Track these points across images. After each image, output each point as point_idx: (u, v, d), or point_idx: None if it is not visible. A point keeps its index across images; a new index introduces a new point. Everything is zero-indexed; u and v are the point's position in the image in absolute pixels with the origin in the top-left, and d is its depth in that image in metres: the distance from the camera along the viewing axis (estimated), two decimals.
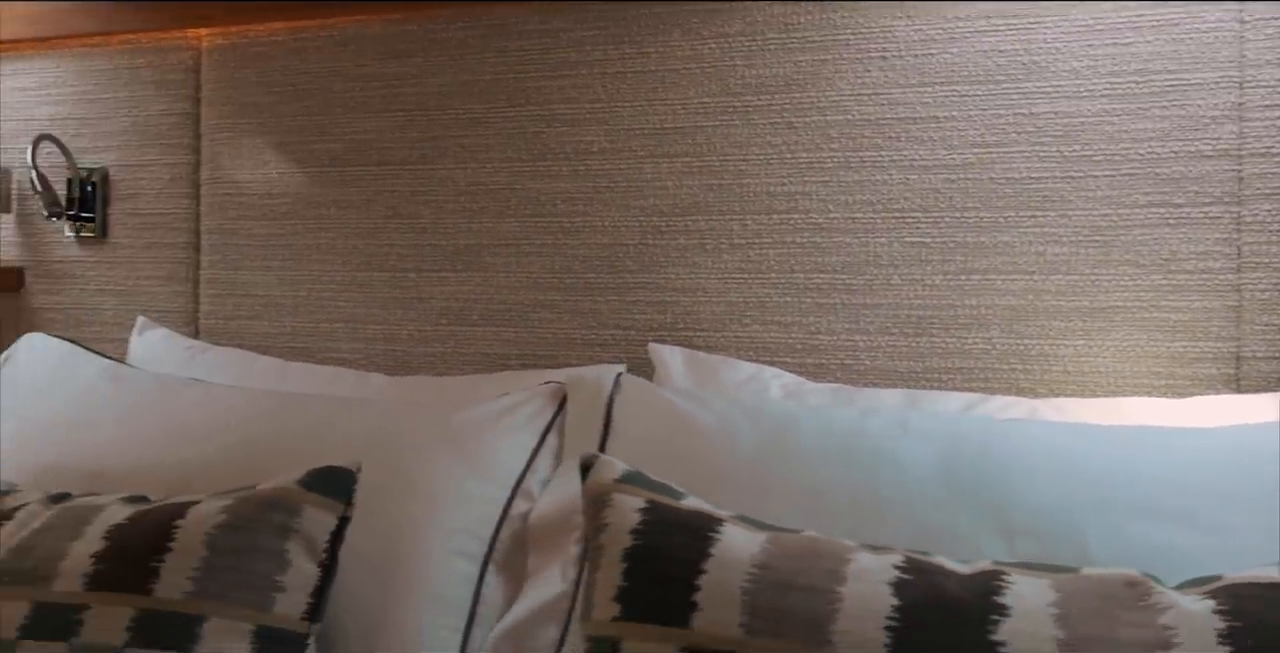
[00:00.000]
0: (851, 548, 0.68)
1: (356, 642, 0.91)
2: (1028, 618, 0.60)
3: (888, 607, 0.62)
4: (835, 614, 0.62)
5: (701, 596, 0.65)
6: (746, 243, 1.24)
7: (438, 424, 1.05)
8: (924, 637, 0.60)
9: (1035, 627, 0.60)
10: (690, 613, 0.65)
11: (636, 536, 0.70)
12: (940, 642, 0.60)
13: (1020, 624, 0.60)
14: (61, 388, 1.17)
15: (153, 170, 1.50)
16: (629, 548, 0.70)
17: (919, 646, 0.60)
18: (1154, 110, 1.09)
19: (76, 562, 0.82)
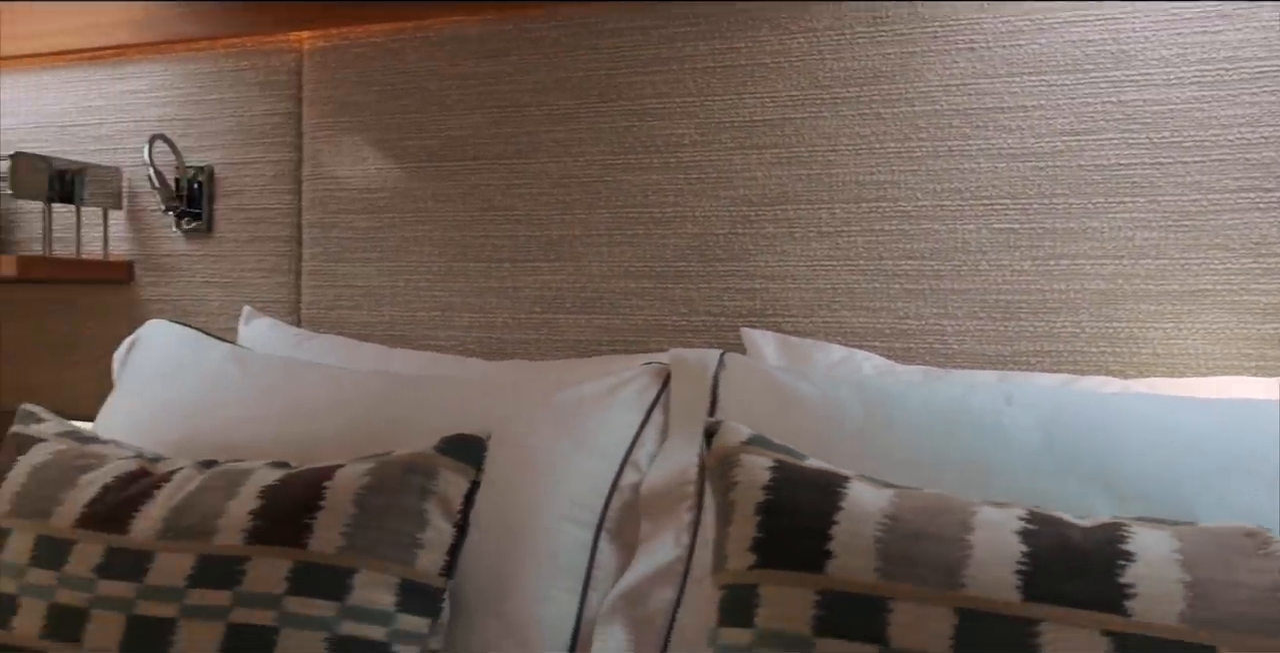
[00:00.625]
0: (975, 503, 0.73)
1: (481, 601, 0.98)
2: (1153, 563, 0.65)
3: (1017, 553, 0.67)
4: (966, 560, 0.67)
5: (835, 544, 0.71)
6: (835, 231, 1.30)
7: (546, 402, 1.11)
8: (1053, 580, 0.65)
9: (1160, 571, 0.64)
10: (825, 560, 0.71)
11: (768, 491, 0.76)
12: (1069, 585, 0.65)
13: (1146, 569, 0.65)
14: (189, 370, 1.25)
15: (256, 167, 1.60)
16: (761, 503, 0.76)
17: (1049, 588, 0.65)
18: (1243, 97, 1.13)
19: (235, 519, 0.90)
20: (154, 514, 0.93)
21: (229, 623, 0.84)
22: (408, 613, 0.87)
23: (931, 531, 0.70)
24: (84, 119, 1.71)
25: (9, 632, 0.90)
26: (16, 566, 0.93)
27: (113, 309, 1.70)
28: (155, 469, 1.00)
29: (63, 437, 1.06)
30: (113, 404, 1.28)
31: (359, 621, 0.85)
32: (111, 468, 0.99)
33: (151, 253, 1.67)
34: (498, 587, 0.99)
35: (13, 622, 0.91)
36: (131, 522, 0.92)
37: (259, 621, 0.84)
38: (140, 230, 1.68)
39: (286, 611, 0.84)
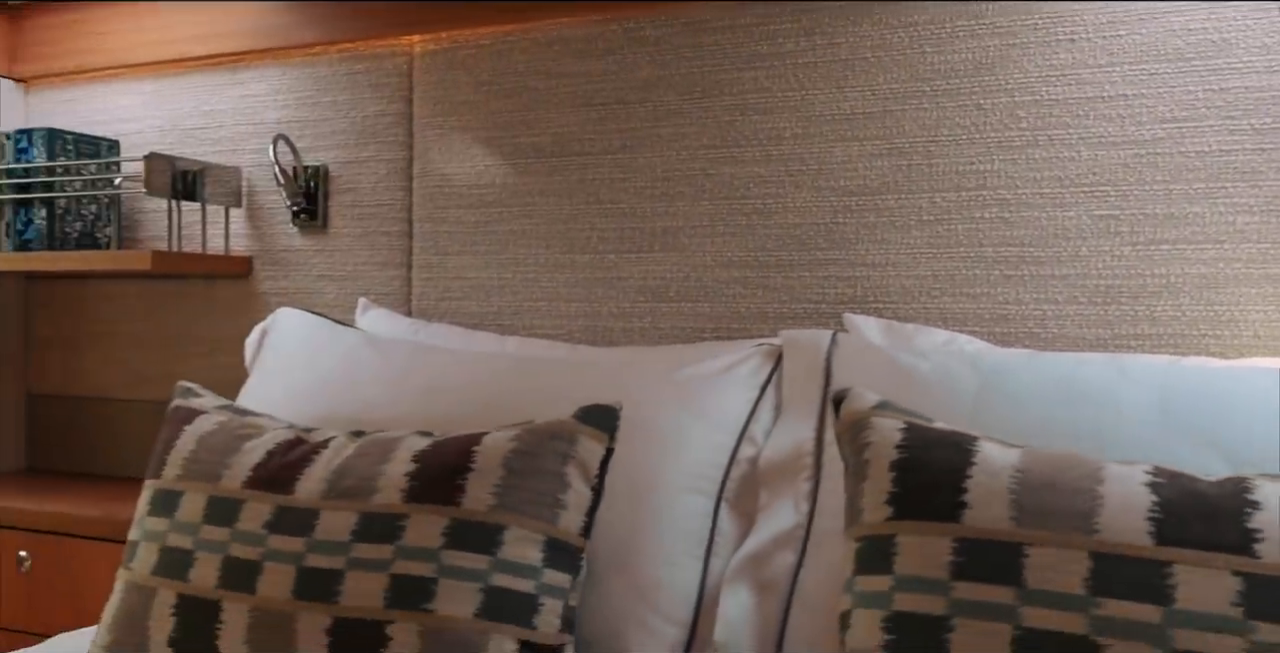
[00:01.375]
0: (1101, 460, 0.79)
1: (611, 564, 1.06)
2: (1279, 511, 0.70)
3: (1147, 502, 0.73)
4: (1099, 508, 0.73)
5: (969, 496, 0.78)
6: (935, 219, 1.36)
7: (665, 380, 1.19)
8: (1183, 526, 0.71)
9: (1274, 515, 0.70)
10: (960, 511, 0.77)
11: (901, 450, 0.83)
12: (1199, 530, 0.70)
13: (1273, 516, 0.70)
14: (324, 353, 1.36)
15: (369, 166, 1.71)
16: (895, 460, 0.82)
17: (1180, 533, 0.71)
18: None
19: (392, 480, 0.99)
20: (316, 476, 1.02)
21: (391, 574, 0.94)
22: (552, 569, 0.96)
23: (1063, 483, 0.76)
24: (205, 122, 1.84)
25: (186, 583, 1.01)
26: (191, 523, 1.04)
27: (233, 302, 1.82)
28: (310, 438, 1.10)
29: (221, 409, 1.17)
30: (251, 386, 1.39)
31: (510, 574, 0.94)
32: (271, 437, 1.10)
33: (269, 248, 1.79)
34: (626, 551, 1.07)
35: (190, 574, 1.01)
36: (296, 483, 1.02)
37: (419, 572, 0.93)
38: (258, 227, 1.81)
39: (444, 563, 0.93)
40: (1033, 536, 0.74)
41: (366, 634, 0.92)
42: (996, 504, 0.76)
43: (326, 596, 0.94)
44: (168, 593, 1.01)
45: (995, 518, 0.76)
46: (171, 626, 1.00)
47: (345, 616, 0.93)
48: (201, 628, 0.98)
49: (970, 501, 0.77)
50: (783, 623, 1.00)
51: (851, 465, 0.88)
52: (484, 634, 0.91)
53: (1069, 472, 0.77)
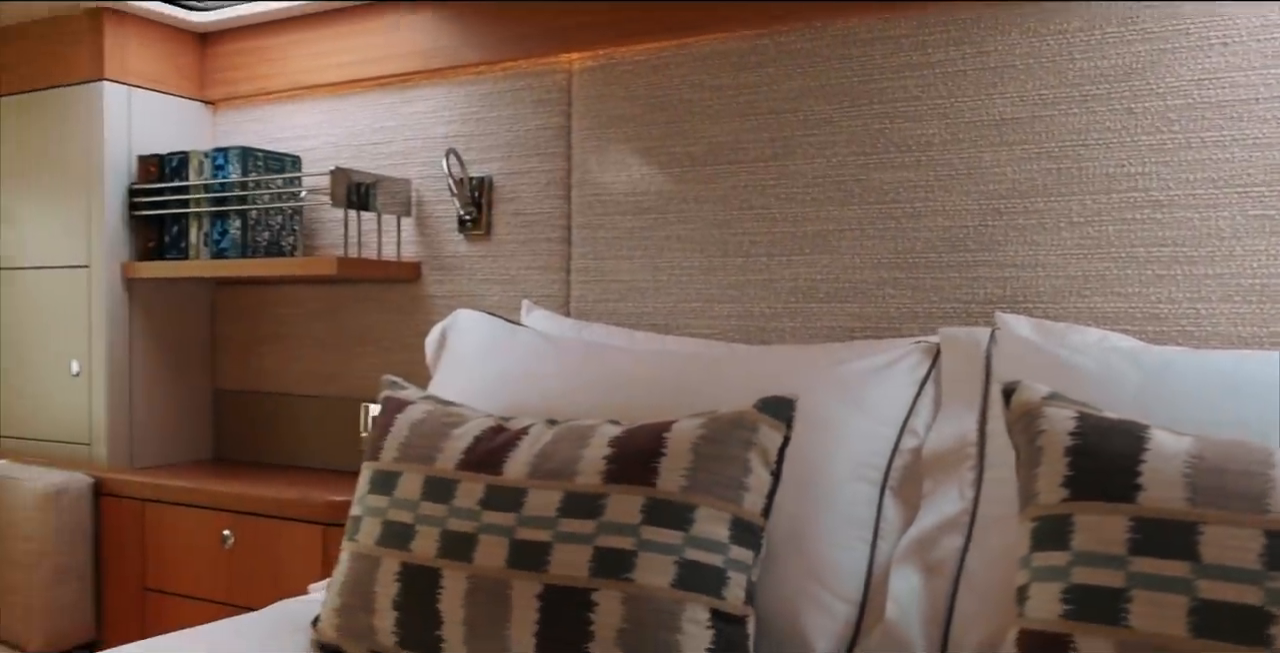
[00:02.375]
0: (1271, 447, 0.86)
1: (785, 545, 1.17)
2: None
3: None
4: (1271, 491, 0.81)
5: (1144, 479, 0.86)
6: (1085, 221, 1.42)
7: (826, 375, 1.30)
8: None
9: None
10: (1135, 492, 0.85)
11: (1075, 437, 0.91)
12: None
13: None
14: (504, 350, 1.52)
15: (530, 176, 1.87)
16: (1070, 446, 0.91)
17: None
18: None
19: (591, 463, 1.12)
20: (520, 459, 1.17)
21: (595, 546, 1.07)
22: (738, 545, 1.07)
23: (1235, 467, 0.83)
24: (378, 137, 2.04)
25: (409, 553, 1.16)
26: (410, 500, 1.20)
27: (402, 304, 2.01)
28: (510, 426, 1.25)
29: (426, 399, 1.33)
30: (440, 379, 1.56)
31: (701, 549, 1.06)
32: (475, 424, 1.25)
33: (436, 254, 1.97)
34: (798, 533, 1.18)
35: (411, 545, 1.16)
36: (503, 465, 1.17)
37: (620, 545, 1.06)
38: (426, 234, 1.99)
39: (642, 537, 1.06)
40: (1207, 515, 0.81)
41: (574, 600, 1.05)
42: (1171, 486, 0.84)
43: (537, 565, 1.08)
44: (391, 562, 1.17)
45: (1170, 499, 0.84)
46: (396, 590, 1.15)
47: (554, 583, 1.07)
48: (424, 592, 1.13)
49: (1145, 483, 0.85)
50: (950, 602, 1.09)
51: (1024, 453, 0.97)
52: (679, 603, 1.04)
53: (1241, 457, 0.85)
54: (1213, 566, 0.80)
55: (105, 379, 2.06)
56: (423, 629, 1.12)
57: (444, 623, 1.11)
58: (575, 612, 1.05)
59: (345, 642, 1.18)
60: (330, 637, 1.20)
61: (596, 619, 1.04)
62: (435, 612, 1.12)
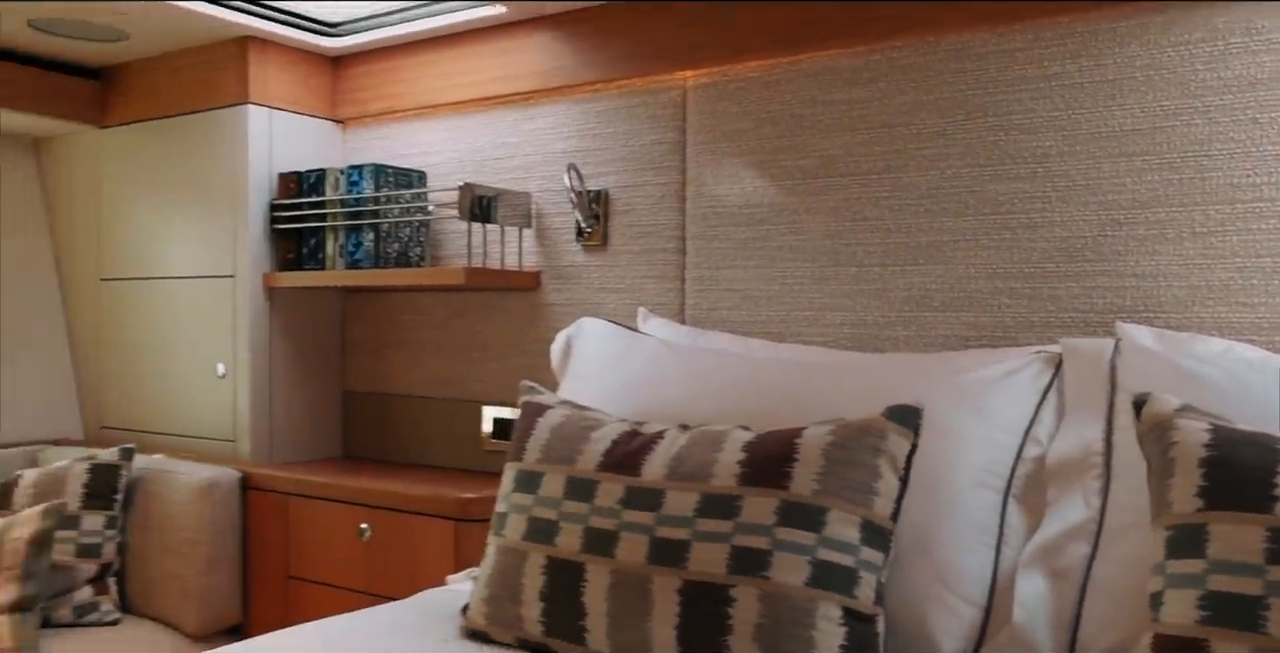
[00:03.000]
0: None
1: (912, 549, 1.22)
2: None
3: None
4: None
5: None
6: (1208, 231, 1.43)
7: (947, 383, 1.34)
8: None
9: None
10: (1272, 503, 0.88)
11: (1209, 449, 0.95)
12: None
13: None
14: (629, 356, 1.60)
15: (646, 189, 1.95)
16: (1204, 458, 0.94)
17: None
18: None
19: (726, 467, 1.19)
20: (657, 462, 1.25)
21: (732, 545, 1.14)
22: (868, 547, 1.13)
23: None
24: (499, 153, 2.15)
25: (554, 547, 1.25)
26: (554, 499, 1.28)
27: (522, 312, 2.12)
28: (644, 430, 1.33)
29: (563, 404, 1.42)
30: (569, 385, 1.65)
31: (834, 549, 1.12)
32: (611, 428, 1.33)
33: (555, 263, 2.07)
34: (924, 538, 1.23)
35: (556, 540, 1.25)
36: (642, 467, 1.25)
37: (756, 544, 1.13)
38: (545, 245, 2.09)
39: (777, 538, 1.13)
40: None
41: (713, 596, 1.12)
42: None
43: (677, 561, 1.16)
44: (538, 556, 1.26)
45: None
46: (542, 583, 1.24)
47: (694, 579, 1.14)
48: (569, 585, 1.22)
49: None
50: (1078, 608, 1.13)
51: (1156, 464, 1.00)
52: (813, 601, 1.10)
53: None
54: None
55: (249, 380, 2.22)
56: (568, 620, 1.21)
57: (588, 614, 1.19)
58: (714, 607, 1.12)
59: (494, 630, 1.28)
60: (479, 625, 1.29)
61: (735, 615, 1.11)
62: (580, 604, 1.20)
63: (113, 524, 2.05)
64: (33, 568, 1.84)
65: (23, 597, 1.83)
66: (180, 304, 2.35)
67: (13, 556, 1.84)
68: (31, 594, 1.83)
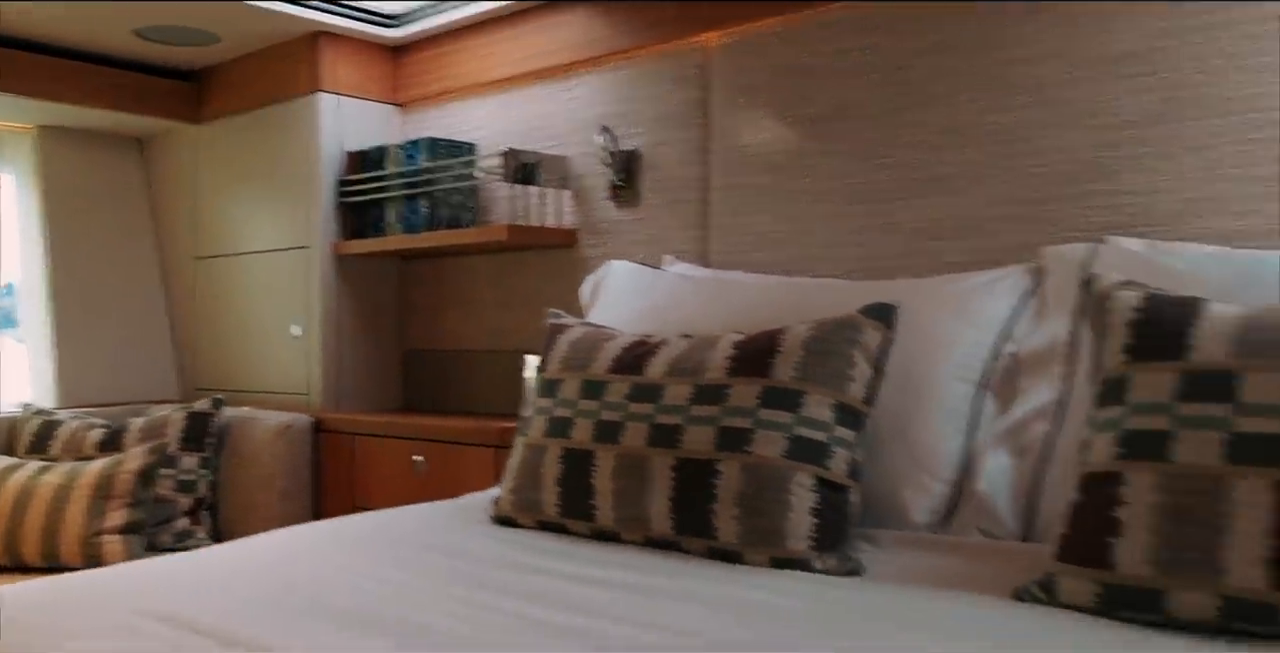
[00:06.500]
0: None
1: (892, 435, 1.34)
2: None
3: None
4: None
5: (1193, 340, 0.98)
6: (1203, 145, 1.51)
7: (936, 292, 1.46)
8: None
9: None
10: (1186, 352, 0.98)
11: (1138, 312, 1.05)
12: None
13: None
14: (650, 287, 1.76)
15: (673, 146, 2.11)
16: (1132, 319, 1.04)
17: None
18: None
19: (717, 362, 1.34)
20: (659, 363, 1.40)
21: (719, 426, 1.28)
22: (841, 426, 1.26)
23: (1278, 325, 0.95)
24: (540, 123, 2.35)
25: (569, 439, 1.41)
26: (570, 400, 1.45)
27: (562, 267, 2.30)
28: (651, 340, 1.48)
29: (583, 324, 1.59)
30: (594, 314, 1.82)
31: (809, 427, 1.25)
32: (623, 339, 1.49)
33: (591, 220, 2.25)
34: (903, 426, 1.35)
35: (571, 433, 1.42)
36: (645, 368, 1.40)
37: (740, 424, 1.27)
38: (582, 204, 2.27)
39: (759, 418, 1.26)
40: (1248, 365, 0.93)
41: (703, 470, 1.27)
42: (1218, 345, 0.96)
43: (672, 443, 1.31)
44: (555, 448, 1.43)
45: (1216, 353, 0.96)
46: (558, 470, 1.41)
47: (686, 456, 1.29)
48: (581, 470, 1.38)
49: (1194, 344, 0.98)
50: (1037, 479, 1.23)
51: (1097, 331, 1.10)
52: (790, 470, 1.23)
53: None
54: (1250, 404, 0.92)
55: (319, 340, 2.46)
56: (580, 501, 1.37)
57: (597, 494, 1.35)
58: (703, 479, 1.27)
59: (519, 514, 1.45)
60: (506, 511, 1.47)
61: (720, 484, 1.25)
62: (589, 486, 1.37)
63: (206, 464, 2.33)
64: (140, 497, 2.14)
65: (132, 521, 2.12)
66: (262, 276, 2.62)
67: (124, 485, 2.13)
68: (139, 519, 2.13)
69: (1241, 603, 0.90)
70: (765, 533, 1.22)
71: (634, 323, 1.69)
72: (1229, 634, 0.92)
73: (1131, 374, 1.02)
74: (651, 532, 1.31)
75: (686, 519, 1.27)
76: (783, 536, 1.21)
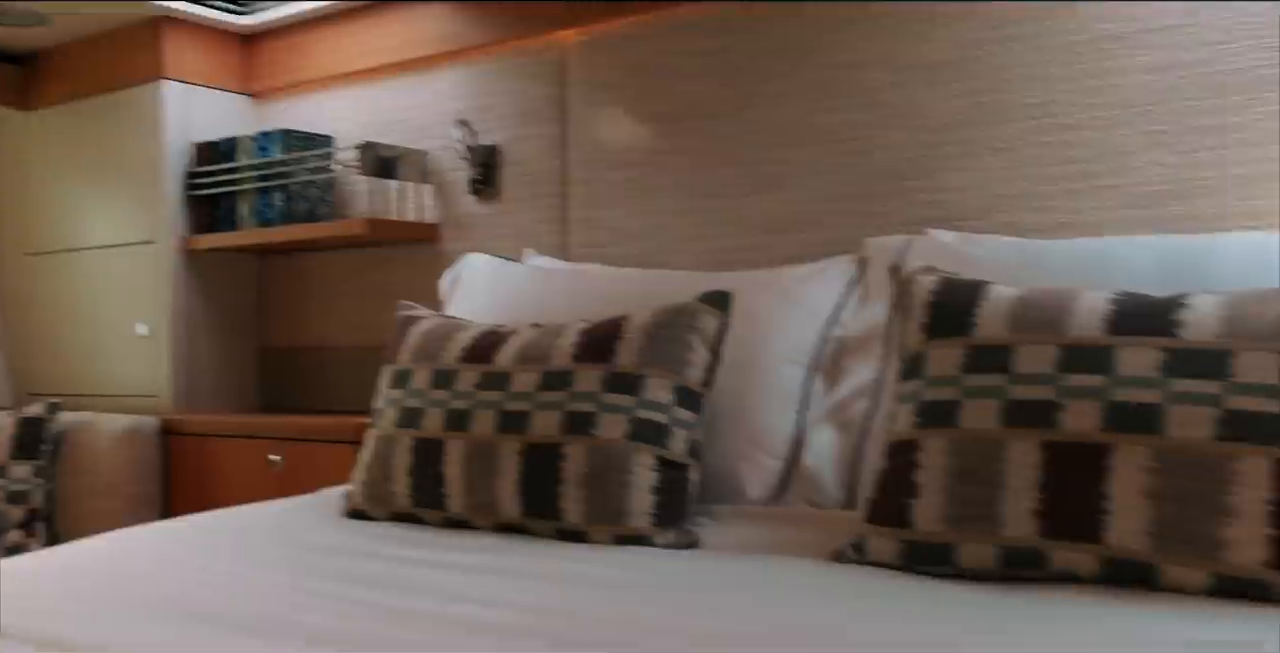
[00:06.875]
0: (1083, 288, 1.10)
1: (729, 415, 1.43)
2: (1201, 309, 1.00)
3: (1105, 309, 1.03)
4: (1069, 317, 1.05)
5: (977, 318, 1.10)
6: (1007, 147, 1.66)
7: (770, 281, 1.57)
8: (1130, 320, 1.01)
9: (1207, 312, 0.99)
10: (971, 328, 1.10)
11: (934, 294, 1.16)
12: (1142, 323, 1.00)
13: (1195, 314, 0.99)
14: (503, 281, 1.81)
15: (533, 142, 2.16)
16: (929, 301, 1.16)
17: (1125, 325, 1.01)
18: None
19: (563, 349, 1.40)
20: (509, 351, 1.45)
21: (565, 410, 1.34)
22: (680, 408, 1.34)
23: (1047, 303, 1.07)
24: (401, 116, 2.36)
25: (419, 430, 1.45)
26: (421, 390, 1.48)
27: (423, 262, 2.32)
28: (501, 330, 1.53)
29: (435, 316, 1.62)
30: (450, 309, 1.85)
31: (650, 409, 1.32)
32: (474, 330, 1.53)
33: (452, 215, 2.28)
34: (738, 407, 1.44)
35: (421, 423, 1.45)
36: (495, 357, 1.45)
37: (585, 408, 1.33)
38: (443, 198, 2.29)
39: (602, 402, 1.33)
40: (1020, 338, 1.06)
41: (549, 454, 1.33)
42: (998, 321, 1.09)
43: (519, 429, 1.36)
44: (406, 439, 1.46)
45: (996, 329, 1.08)
46: (409, 461, 1.44)
47: (533, 441, 1.34)
48: (431, 459, 1.41)
49: (978, 321, 1.10)
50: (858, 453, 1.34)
51: (902, 313, 1.22)
52: (632, 451, 1.30)
53: (1055, 295, 1.09)
54: (1021, 374, 1.04)
55: (168, 340, 2.40)
56: (431, 490, 1.41)
57: (447, 481, 1.39)
58: (549, 463, 1.32)
59: (371, 507, 1.47)
60: (359, 504, 1.49)
61: (566, 467, 1.31)
62: (440, 474, 1.40)
63: (40, 473, 2.23)
64: None
65: None
66: (103, 272, 2.53)
67: None
68: None
69: (1017, 551, 1.02)
70: (609, 512, 1.29)
71: (490, 315, 1.74)
72: (1008, 581, 1.04)
73: (927, 351, 1.13)
74: (501, 517, 1.36)
75: (534, 502, 1.32)
76: (625, 514, 1.28)
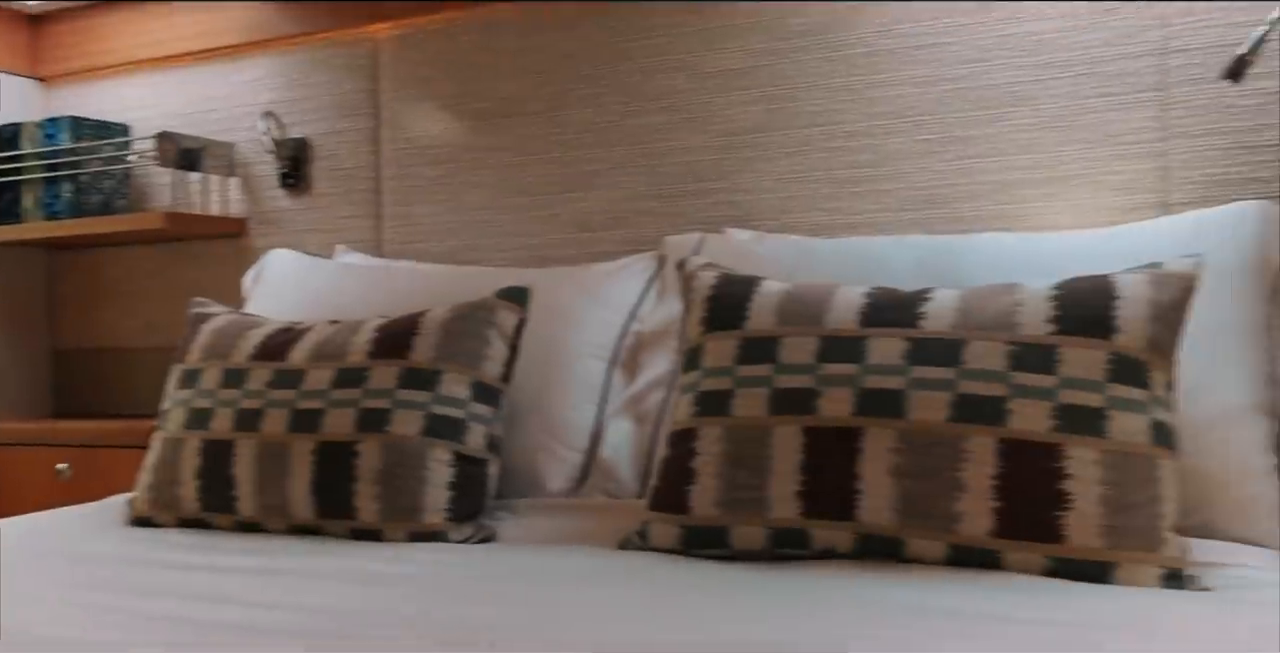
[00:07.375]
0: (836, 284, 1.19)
1: (529, 409, 1.46)
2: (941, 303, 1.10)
3: (860, 303, 1.12)
4: (828, 310, 1.13)
5: (749, 312, 1.17)
6: (796, 151, 1.75)
7: (573, 278, 1.61)
8: (879, 313, 1.10)
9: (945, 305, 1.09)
10: (744, 322, 1.17)
11: (713, 289, 1.23)
12: (888, 315, 1.10)
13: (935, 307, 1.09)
14: (309, 278, 1.78)
15: (344, 136, 2.12)
16: (708, 295, 1.22)
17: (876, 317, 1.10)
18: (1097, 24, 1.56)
19: (359, 345, 1.39)
20: (303, 348, 1.43)
21: (359, 408, 1.33)
22: (478, 403, 1.36)
23: (809, 298, 1.15)
24: (204, 106, 2.26)
25: (208, 431, 1.40)
26: (210, 390, 1.44)
27: (230, 258, 2.23)
28: (297, 327, 1.50)
29: (229, 313, 1.58)
30: (250, 307, 1.80)
31: (446, 405, 1.34)
32: (270, 326, 1.50)
33: (261, 209, 2.21)
34: (539, 401, 1.47)
35: (210, 425, 1.41)
36: (288, 354, 1.42)
37: (378, 405, 1.33)
38: (251, 192, 2.22)
39: (397, 398, 1.33)
40: (786, 331, 1.13)
41: (342, 452, 1.32)
42: (767, 315, 1.16)
43: (312, 428, 1.34)
44: (194, 440, 1.41)
45: (764, 322, 1.15)
46: (197, 463, 1.39)
47: (326, 440, 1.33)
48: (220, 461, 1.38)
49: (750, 315, 1.17)
50: (653, 442, 1.40)
51: (685, 306, 1.28)
52: (427, 447, 1.31)
53: (816, 291, 1.17)
54: (786, 364, 1.12)
55: None
56: (220, 493, 1.37)
57: (237, 484, 1.36)
58: (342, 461, 1.31)
59: (157, 513, 1.42)
60: (143, 511, 1.43)
61: (360, 465, 1.31)
62: (230, 476, 1.37)
63: None
64: None
65: None
66: None
67: None
68: None
69: (783, 532, 1.09)
70: (403, 509, 1.29)
71: (294, 313, 1.69)
72: (776, 560, 1.11)
73: (705, 343, 1.20)
74: (294, 518, 1.34)
75: (328, 502, 1.31)
76: (420, 510, 1.29)
